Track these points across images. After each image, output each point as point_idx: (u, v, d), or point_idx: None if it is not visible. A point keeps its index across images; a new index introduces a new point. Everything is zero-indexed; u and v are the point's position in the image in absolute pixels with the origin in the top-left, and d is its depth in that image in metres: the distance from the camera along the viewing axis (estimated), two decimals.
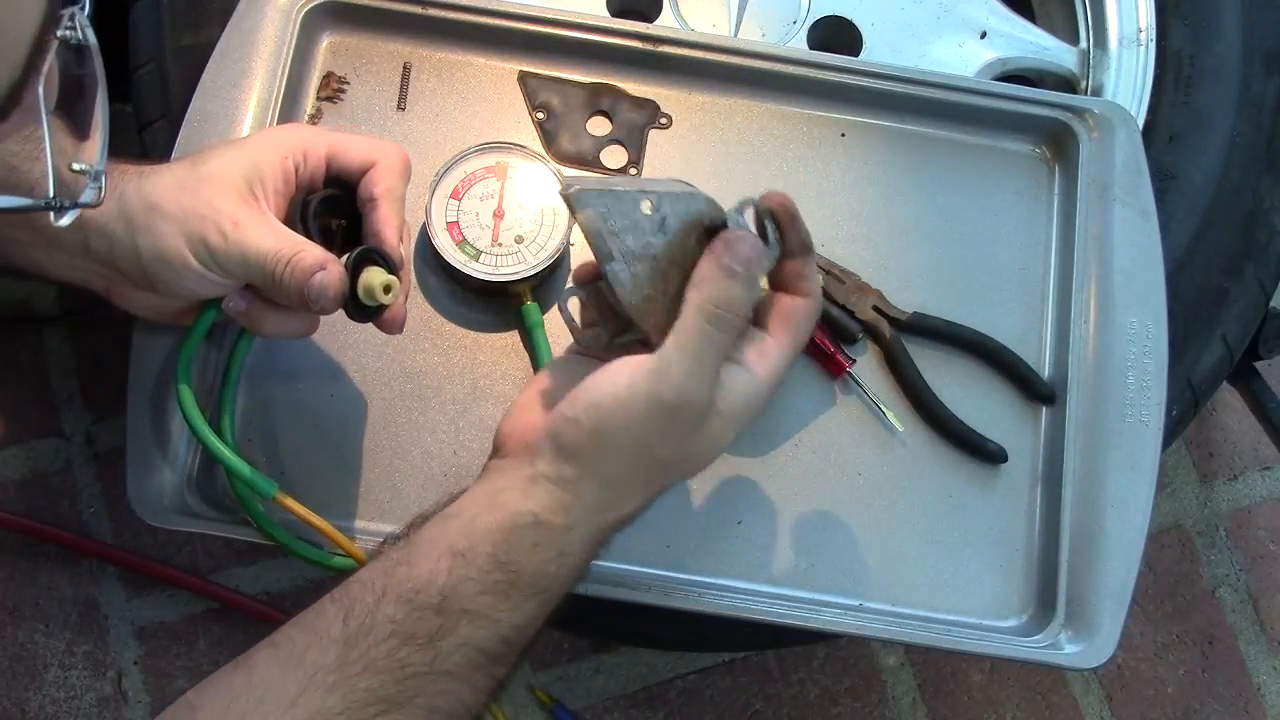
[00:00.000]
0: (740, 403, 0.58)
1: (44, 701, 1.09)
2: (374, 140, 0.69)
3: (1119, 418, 0.75)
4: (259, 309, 0.67)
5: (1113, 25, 0.97)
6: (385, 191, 0.67)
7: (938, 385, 0.76)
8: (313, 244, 0.64)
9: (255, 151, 0.65)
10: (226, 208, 0.63)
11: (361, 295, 0.65)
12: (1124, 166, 0.80)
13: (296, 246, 0.63)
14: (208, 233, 0.62)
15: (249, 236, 0.63)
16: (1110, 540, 0.73)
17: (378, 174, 0.67)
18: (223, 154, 0.65)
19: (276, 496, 0.68)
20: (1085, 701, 1.19)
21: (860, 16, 0.95)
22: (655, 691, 1.14)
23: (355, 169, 0.68)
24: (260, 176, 0.64)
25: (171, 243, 0.62)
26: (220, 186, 0.63)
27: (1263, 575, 1.25)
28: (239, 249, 0.63)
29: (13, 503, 1.13)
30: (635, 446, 0.57)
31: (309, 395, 0.75)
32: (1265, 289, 0.90)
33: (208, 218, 0.62)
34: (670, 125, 0.82)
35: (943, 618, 0.73)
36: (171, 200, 0.63)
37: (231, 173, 0.64)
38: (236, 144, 0.67)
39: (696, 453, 0.59)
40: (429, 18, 0.80)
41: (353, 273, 0.65)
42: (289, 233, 0.64)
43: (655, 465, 0.58)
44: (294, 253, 0.63)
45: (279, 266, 0.63)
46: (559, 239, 0.75)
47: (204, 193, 0.63)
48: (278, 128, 0.74)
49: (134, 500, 0.71)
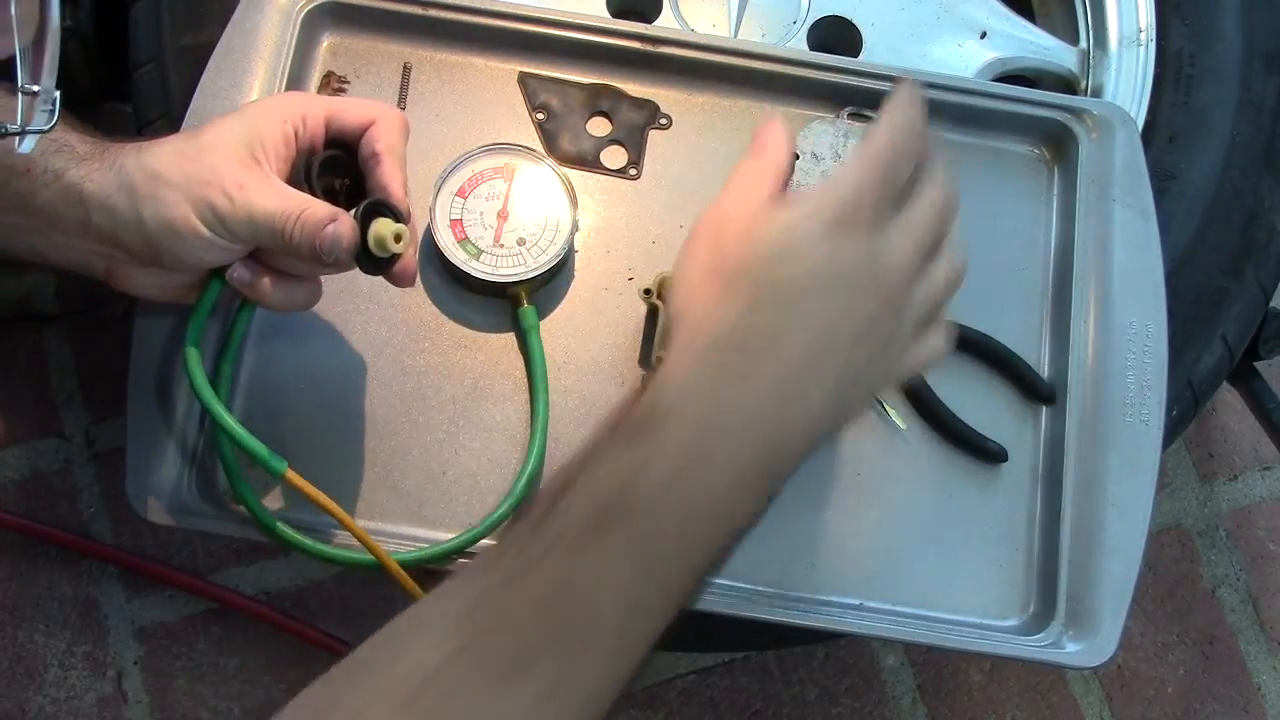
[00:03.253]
0: None
1: (44, 701, 1.09)
2: (371, 101, 0.70)
3: (1119, 418, 0.76)
4: (265, 278, 0.67)
5: (1113, 25, 0.98)
6: (387, 147, 0.67)
7: (938, 385, 0.77)
8: (319, 200, 0.65)
9: (254, 118, 0.66)
10: (230, 172, 0.63)
11: (373, 246, 0.65)
12: (1124, 167, 0.80)
13: (304, 203, 0.64)
14: (214, 197, 0.62)
15: (255, 197, 0.63)
16: (1110, 540, 0.73)
17: (378, 131, 0.68)
18: (221, 123, 0.66)
19: (286, 474, 0.68)
20: (1085, 701, 1.19)
21: (860, 16, 0.95)
22: (655, 691, 1.14)
23: (354, 129, 0.68)
24: (261, 141, 0.65)
25: (178, 210, 0.62)
26: (222, 152, 0.64)
27: (1263, 575, 1.25)
28: (245, 210, 0.63)
29: (13, 503, 1.13)
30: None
31: (307, 393, 0.75)
32: (1265, 289, 0.90)
33: (212, 183, 0.63)
34: (670, 125, 0.82)
35: (943, 617, 0.73)
36: (174, 168, 0.63)
37: (232, 139, 0.64)
38: (234, 114, 0.67)
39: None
40: (429, 18, 0.81)
41: (362, 225, 0.65)
42: (294, 192, 0.65)
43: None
44: (302, 209, 0.63)
45: (288, 224, 0.63)
46: (560, 244, 0.75)
47: (207, 159, 0.63)
48: (274, 96, 0.75)
49: (133, 498, 0.71)
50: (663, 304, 0.73)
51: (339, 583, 1.16)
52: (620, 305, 0.78)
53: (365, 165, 0.68)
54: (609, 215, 0.80)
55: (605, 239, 0.79)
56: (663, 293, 0.74)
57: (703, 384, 0.54)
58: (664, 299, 0.69)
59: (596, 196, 0.80)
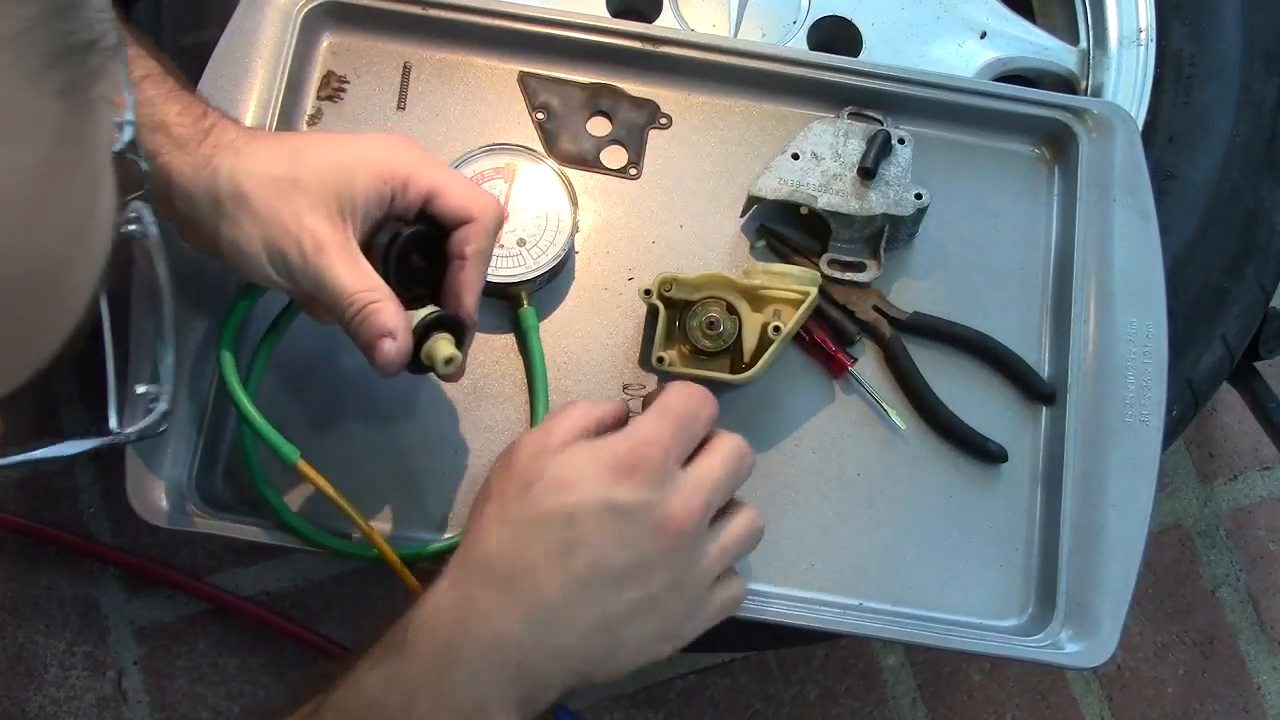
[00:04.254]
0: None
1: (44, 701, 1.10)
2: (476, 192, 0.66)
3: (1119, 418, 0.76)
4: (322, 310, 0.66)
5: (1113, 25, 0.98)
6: (476, 253, 0.65)
7: (938, 385, 0.77)
8: (389, 296, 0.62)
9: (356, 166, 0.63)
10: (311, 225, 0.61)
11: (423, 357, 0.64)
12: (1124, 167, 0.80)
13: (371, 296, 0.61)
14: (288, 248, 0.61)
15: (328, 266, 0.61)
16: (1110, 540, 0.73)
17: (473, 232, 0.64)
18: (322, 155, 0.63)
19: (297, 464, 0.68)
20: (1085, 701, 1.19)
21: (860, 16, 0.95)
22: (655, 691, 1.14)
23: (451, 218, 0.65)
24: (354, 196, 0.62)
25: (252, 246, 0.61)
26: (311, 199, 0.61)
27: (1263, 575, 1.25)
28: (315, 273, 0.61)
29: (13, 503, 1.13)
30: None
31: (307, 393, 0.75)
32: (1265, 289, 0.90)
33: (291, 232, 0.61)
34: (670, 125, 0.82)
35: (943, 617, 0.73)
36: (261, 200, 0.61)
37: (326, 186, 0.62)
38: (340, 145, 0.65)
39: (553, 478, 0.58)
40: (429, 18, 0.81)
41: (422, 335, 0.64)
42: (368, 272, 0.62)
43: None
44: (368, 303, 0.61)
45: (350, 311, 0.61)
46: (560, 245, 0.75)
47: (295, 202, 0.61)
48: (387, 139, 0.67)
49: (134, 500, 0.71)
50: (661, 305, 0.73)
51: (338, 583, 1.16)
52: (620, 305, 0.78)
53: (450, 261, 0.65)
54: (609, 215, 0.80)
55: (605, 239, 0.79)
56: (662, 294, 0.74)
57: (453, 606, 0.56)
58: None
59: (596, 196, 0.80)
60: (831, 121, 0.79)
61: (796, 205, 0.77)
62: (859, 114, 0.81)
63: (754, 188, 0.77)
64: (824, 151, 0.78)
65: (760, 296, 0.73)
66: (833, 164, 0.78)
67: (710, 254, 0.79)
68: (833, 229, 0.78)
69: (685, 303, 0.74)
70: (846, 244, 0.78)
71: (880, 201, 0.77)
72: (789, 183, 0.77)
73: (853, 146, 0.78)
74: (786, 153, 0.78)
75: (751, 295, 0.73)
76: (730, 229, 0.80)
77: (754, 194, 0.77)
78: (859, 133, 0.79)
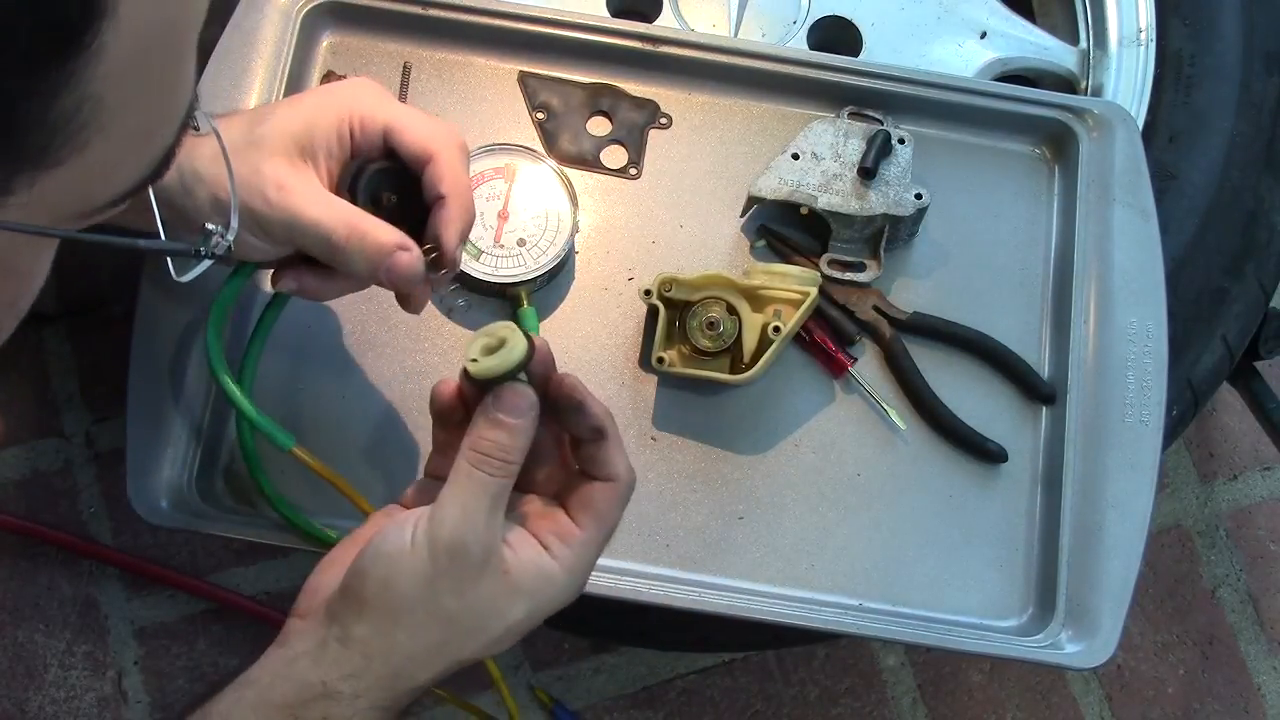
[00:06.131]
0: (532, 575, 0.56)
1: (44, 701, 1.09)
2: (433, 124, 0.65)
3: (1119, 418, 0.76)
4: (314, 282, 0.66)
5: (1113, 25, 0.98)
6: (451, 188, 0.64)
7: (938, 385, 0.77)
8: (377, 219, 0.62)
9: (311, 112, 0.63)
10: (271, 171, 0.61)
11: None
12: (1124, 167, 0.80)
13: (357, 218, 0.62)
14: (252, 199, 0.61)
15: (296, 202, 0.61)
16: (1110, 540, 0.73)
17: (442, 169, 0.64)
18: (279, 112, 0.64)
19: (294, 450, 0.68)
20: (1085, 701, 1.19)
21: (860, 16, 0.95)
22: (655, 691, 1.14)
23: (412, 153, 0.65)
24: (312, 139, 0.63)
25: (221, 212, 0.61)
26: (269, 149, 0.62)
27: (1263, 575, 1.25)
28: (285, 214, 0.61)
29: (13, 503, 1.13)
30: (421, 596, 0.55)
31: (306, 393, 0.75)
32: (1265, 289, 0.90)
33: (252, 184, 0.61)
34: (670, 125, 0.82)
35: (943, 618, 0.73)
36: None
37: (284, 136, 0.62)
38: (295, 101, 0.65)
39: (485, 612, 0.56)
40: (429, 18, 0.81)
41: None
42: (343, 204, 0.63)
43: (446, 622, 0.55)
44: (359, 225, 0.61)
45: (345, 239, 0.61)
46: (561, 245, 0.75)
47: (251, 158, 0.61)
48: (338, 85, 0.68)
49: (134, 500, 0.71)
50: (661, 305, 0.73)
51: None
52: (620, 305, 0.78)
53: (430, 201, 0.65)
54: (609, 215, 0.80)
55: (605, 239, 0.79)
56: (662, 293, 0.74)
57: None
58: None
59: (596, 196, 0.80)
60: (831, 121, 0.79)
61: (796, 205, 0.77)
62: (859, 114, 0.81)
63: (754, 188, 0.77)
64: (824, 151, 0.78)
65: (760, 296, 0.73)
66: (833, 164, 0.78)
67: (710, 254, 0.79)
68: (833, 229, 0.78)
69: (685, 303, 0.74)
70: (846, 244, 0.78)
71: (880, 201, 0.77)
72: (789, 183, 0.77)
73: (853, 146, 0.78)
74: (786, 153, 0.78)
75: (751, 295, 0.73)
76: (730, 229, 0.80)
77: (754, 194, 0.77)
78: (859, 133, 0.79)
